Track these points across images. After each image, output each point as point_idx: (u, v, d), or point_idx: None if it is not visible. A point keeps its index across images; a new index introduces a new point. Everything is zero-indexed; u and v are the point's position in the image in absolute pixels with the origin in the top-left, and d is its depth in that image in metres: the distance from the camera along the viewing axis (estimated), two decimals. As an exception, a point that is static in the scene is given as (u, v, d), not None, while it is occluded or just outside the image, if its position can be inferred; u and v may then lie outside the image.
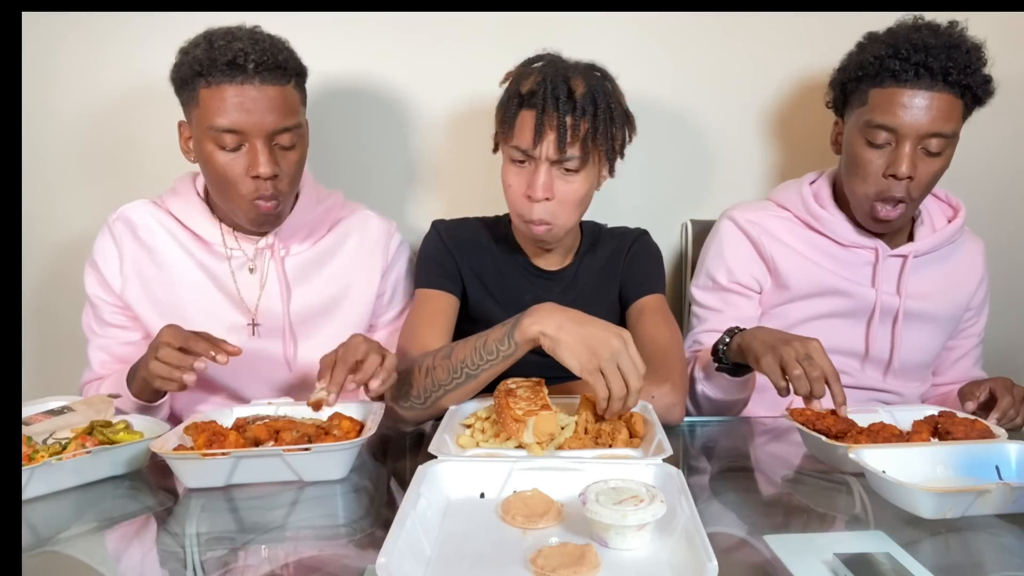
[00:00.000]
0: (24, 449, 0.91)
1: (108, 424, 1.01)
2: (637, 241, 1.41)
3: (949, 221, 1.39)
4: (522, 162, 1.22)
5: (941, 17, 1.27)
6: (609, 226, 1.46)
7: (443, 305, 1.31)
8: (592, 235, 1.42)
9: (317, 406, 0.99)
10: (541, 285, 1.36)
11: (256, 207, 1.19)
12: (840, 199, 1.38)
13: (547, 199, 1.20)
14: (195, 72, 1.14)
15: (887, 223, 1.29)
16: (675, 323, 1.32)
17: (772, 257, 1.37)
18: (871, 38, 1.30)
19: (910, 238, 1.39)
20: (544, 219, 1.22)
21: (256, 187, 1.17)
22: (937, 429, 1.02)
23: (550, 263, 1.37)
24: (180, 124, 1.23)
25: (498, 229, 1.39)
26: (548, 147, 1.18)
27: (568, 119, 1.17)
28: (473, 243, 1.38)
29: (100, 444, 0.96)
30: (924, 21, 1.26)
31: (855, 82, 1.28)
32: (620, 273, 1.38)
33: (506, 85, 1.25)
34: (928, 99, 1.20)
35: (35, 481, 0.89)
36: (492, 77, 1.28)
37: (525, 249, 1.37)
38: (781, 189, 1.45)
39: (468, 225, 1.42)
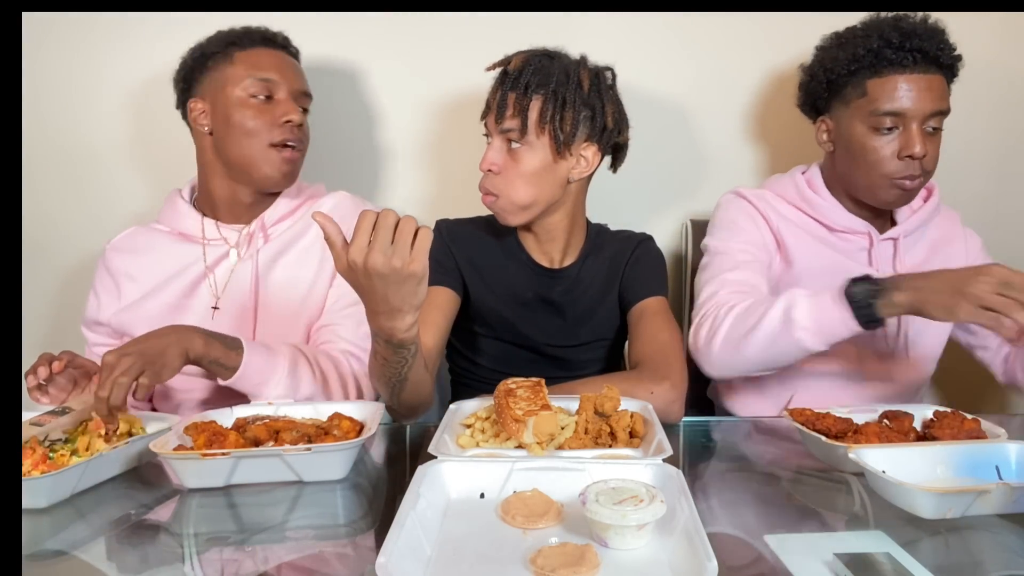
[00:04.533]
0: (39, 449, 0.91)
1: None
2: (640, 245, 1.42)
3: (924, 201, 1.44)
4: (487, 136, 1.30)
5: (927, 17, 1.31)
6: (613, 228, 1.46)
7: (439, 300, 1.32)
8: (597, 236, 1.42)
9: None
10: (543, 282, 1.37)
11: (280, 156, 1.32)
12: (832, 188, 1.41)
13: (490, 171, 1.27)
14: (229, 43, 1.32)
15: (907, 195, 1.33)
16: (676, 325, 1.32)
17: (779, 229, 1.40)
18: (841, 37, 1.35)
19: (892, 223, 1.43)
20: (490, 190, 1.27)
21: (283, 133, 1.31)
22: (925, 435, 1.02)
23: (552, 260, 1.38)
24: (191, 103, 1.33)
25: (501, 227, 1.40)
26: (491, 120, 1.26)
27: (510, 95, 1.24)
28: (474, 240, 1.39)
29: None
30: (899, 13, 1.31)
31: (847, 76, 1.31)
32: (622, 276, 1.39)
33: None
34: (926, 81, 1.27)
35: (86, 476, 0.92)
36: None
37: (526, 245, 1.38)
38: (772, 180, 1.49)
39: (470, 223, 1.43)
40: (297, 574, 0.73)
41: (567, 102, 1.24)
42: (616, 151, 1.36)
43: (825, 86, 1.36)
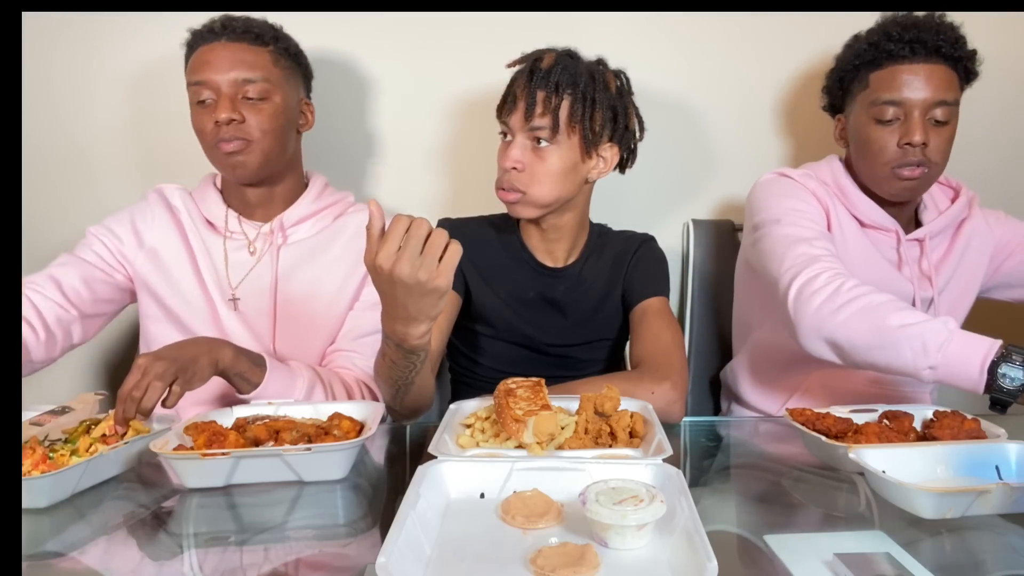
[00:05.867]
0: (39, 449, 0.91)
1: (98, 421, 1.03)
2: (643, 245, 1.42)
3: (951, 201, 1.44)
4: (504, 135, 1.28)
5: (936, 14, 1.32)
6: (615, 228, 1.46)
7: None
8: (599, 236, 1.42)
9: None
10: (545, 282, 1.37)
11: (220, 151, 1.29)
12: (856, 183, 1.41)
13: (515, 168, 1.25)
14: (190, 43, 1.32)
15: (914, 184, 1.31)
16: (677, 325, 1.33)
17: (827, 207, 1.38)
18: (857, 37, 1.38)
19: (917, 225, 1.43)
20: (515, 187, 1.26)
21: (219, 132, 1.27)
22: (925, 435, 1.02)
23: (555, 260, 1.38)
24: None
25: (504, 226, 1.40)
26: (517, 117, 1.24)
27: (540, 93, 1.23)
28: (477, 240, 1.39)
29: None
30: (904, 12, 1.33)
31: (853, 71, 1.35)
32: (624, 276, 1.39)
33: None
34: (927, 71, 1.27)
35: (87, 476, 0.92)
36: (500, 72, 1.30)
37: (529, 244, 1.38)
38: (808, 166, 1.45)
39: (473, 223, 1.43)
40: (297, 574, 0.73)
41: (596, 102, 1.24)
42: (628, 153, 1.37)
43: (838, 84, 1.40)
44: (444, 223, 1.42)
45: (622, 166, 1.37)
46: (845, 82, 1.38)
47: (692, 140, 1.73)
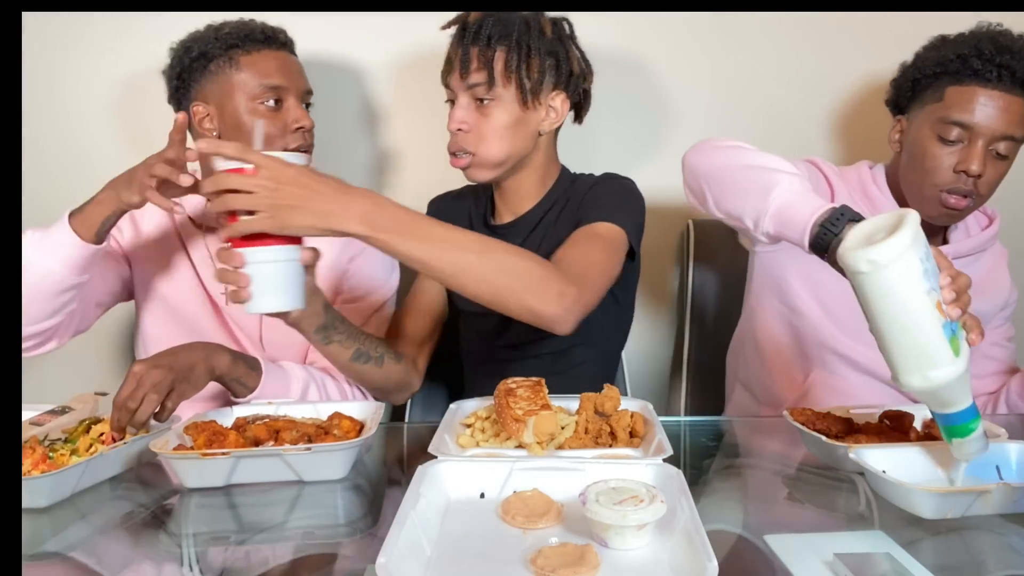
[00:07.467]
0: (39, 449, 0.91)
1: (98, 420, 1.03)
2: (601, 181, 1.32)
3: (983, 228, 1.41)
4: (451, 102, 1.27)
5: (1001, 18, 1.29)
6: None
7: (421, 287, 1.37)
8: (570, 184, 1.34)
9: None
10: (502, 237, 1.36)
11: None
12: (893, 191, 1.37)
13: (460, 130, 1.24)
14: (231, 45, 1.27)
15: (955, 213, 1.29)
16: (616, 258, 1.18)
17: (836, 195, 1.35)
18: (945, 40, 1.32)
19: (944, 242, 1.40)
20: (464, 148, 1.24)
21: (296, 139, 1.29)
22: (925, 435, 1.02)
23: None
24: (194, 107, 1.30)
25: (483, 192, 1.40)
26: (455, 78, 1.24)
27: (473, 48, 1.21)
28: (457, 217, 1.37)
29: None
30: (1002, 28, 1.28)
31: (931, 78, 1.28)
32: (576, 211, 1.28)
33: None
34: (1005, 101, 1.22)
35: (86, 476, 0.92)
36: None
37: (499, 209, 1.37)
38: (840, 169, 1.43)
39: (459, 196, 1.45)
40: (297, 574, 0.73)
41: (532, 50, 1.21)
42: (581, 100, 1.33)
43: (911, 84, 1.33)
44: (435, 201, 1.45)
45: (579, 116, 1.34)
46: (919, 86, 1.31)
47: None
